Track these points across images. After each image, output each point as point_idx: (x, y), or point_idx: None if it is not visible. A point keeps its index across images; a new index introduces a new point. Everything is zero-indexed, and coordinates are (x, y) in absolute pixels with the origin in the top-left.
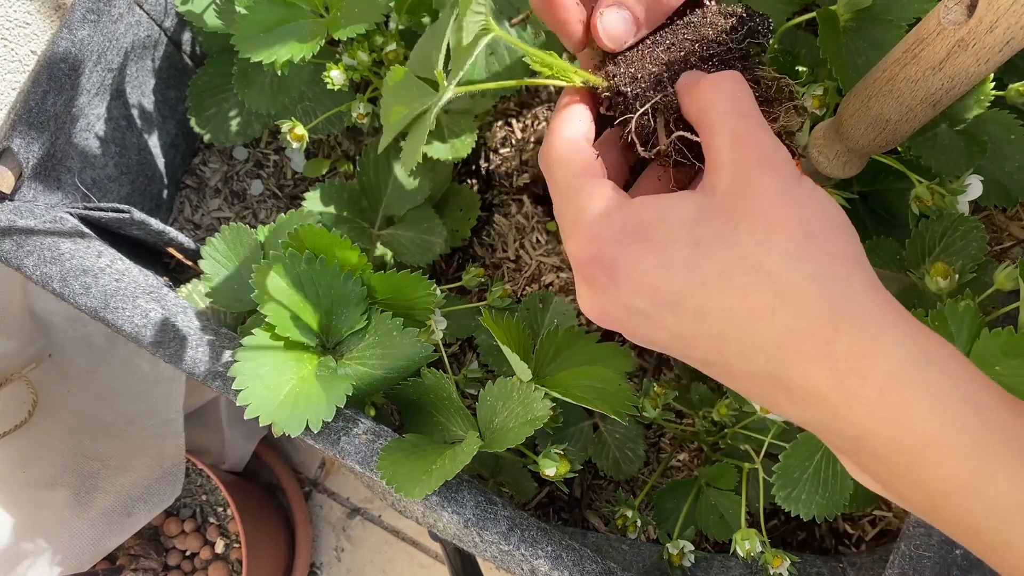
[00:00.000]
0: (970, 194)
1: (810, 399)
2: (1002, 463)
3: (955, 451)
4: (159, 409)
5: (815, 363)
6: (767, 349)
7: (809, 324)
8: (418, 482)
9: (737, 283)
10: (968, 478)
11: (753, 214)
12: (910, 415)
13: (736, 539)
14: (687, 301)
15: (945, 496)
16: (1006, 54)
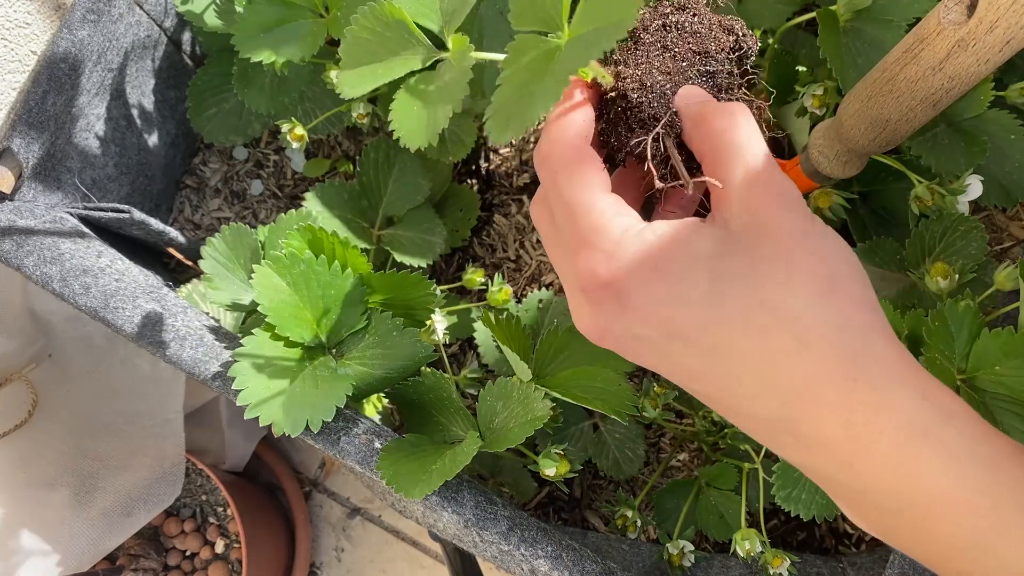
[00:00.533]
0: (970, 194)
1: (819, 448)
2: (1016, 523)
3: (969, 510)
4: (159, 409)
5: (830, 412)
6: (783, 394)
7: (829, 372)
8: (418, 482)
9: (758, 324)
10: (981, 537)
11: (775, 256)
12: (924, 471)
13: (736, 539)
14: (702, 337)
15: (956, 552)
16: (1006, 54)
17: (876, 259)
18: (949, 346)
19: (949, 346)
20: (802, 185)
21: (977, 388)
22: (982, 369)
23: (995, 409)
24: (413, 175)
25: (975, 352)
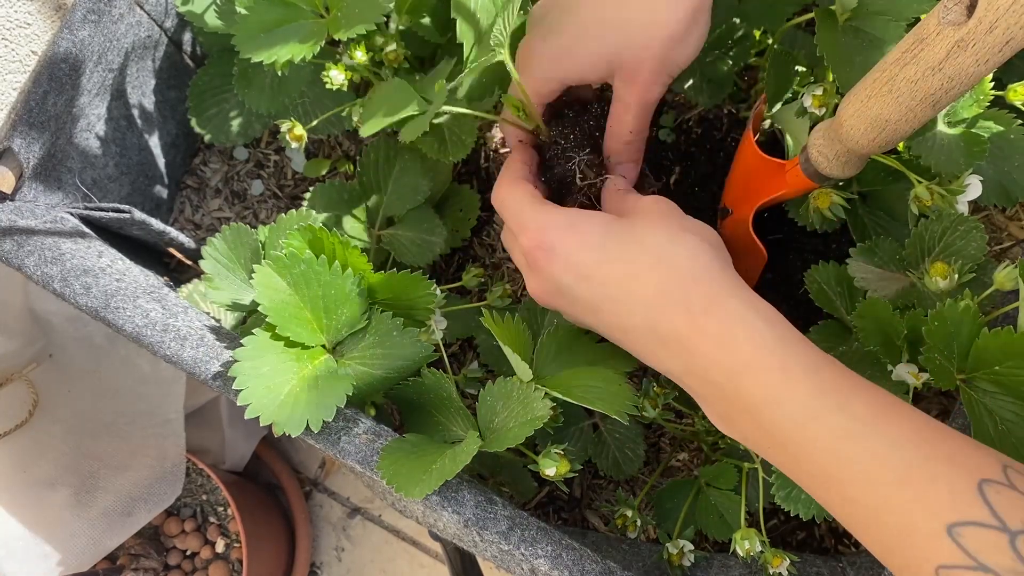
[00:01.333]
0: (969, 194)
1: (675, 344)
2: (799, 379)
3: (764, 370)
4: (160, 409)
5: (678, 310)
6: (645, 302)
7: (676, 281)
8: (418, 482)
9: (627, 255)
10: (772, 392)
11: (648, 217)
12: (737, 341)
13: (736, 539)
14: (595, 273)
15: (758, 411)
16: (1006, 54)
17: (875, 259)
18: (949, 346)
19: (949, 346)
20: (801, 185)
21: (977, 388)
22: (981, 369)
23: (995, 409)
24: (413, 175)
25: (974, 352)
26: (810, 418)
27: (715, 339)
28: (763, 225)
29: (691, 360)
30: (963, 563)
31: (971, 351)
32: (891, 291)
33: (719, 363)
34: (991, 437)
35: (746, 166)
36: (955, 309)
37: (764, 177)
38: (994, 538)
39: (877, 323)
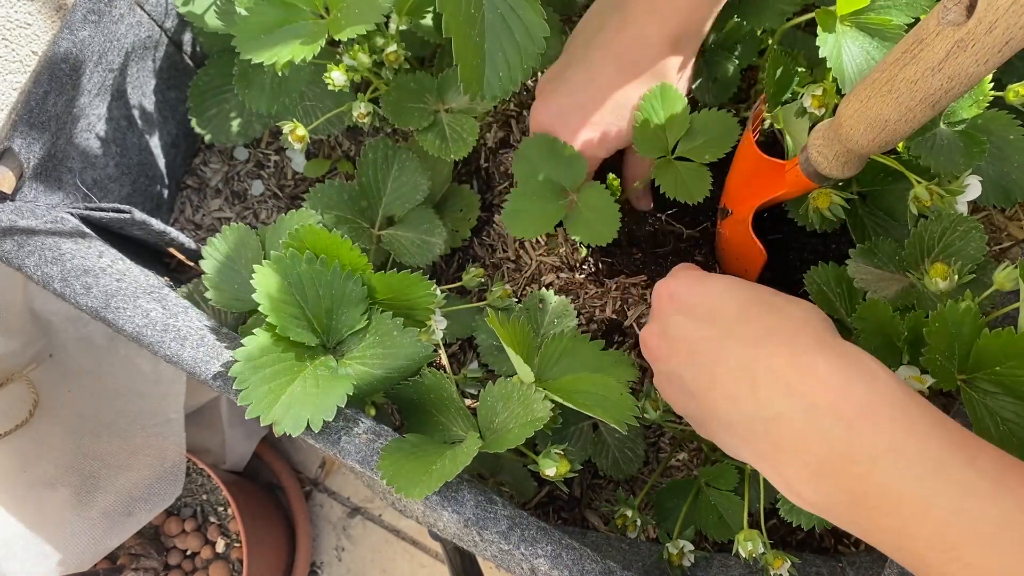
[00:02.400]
0: (969, 194)
1: (771, 383)
2: (925, 429)
3: (887, 417)
4: (160, 409)
5: (780, 348)
6: (745, 340)
7: (784, 323)
8: (418, 482)
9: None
10: (897, 440)
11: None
12: (852, 387)
13: (738, 540)
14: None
15: (873, 461)
16: (1005, 54)
17: (875, 260)
18: (950, 347)
19: (950, 347)
20: (801, 186)
21: (977, 388)
22: (982, 369)
23: (996, 409)
24: (412, 175)
25: (975, 352)
26: (936, 470)
27: (823, 380)
28: (763, 225)
29: (790, 402)
30: None
31: (972, 351)
32: (891, 292)
33: (830, 405)
34: (993, 438)
35: (746, 166)
36: (956, 310)
37: (764, 177)
38: None
39: (877, 324)
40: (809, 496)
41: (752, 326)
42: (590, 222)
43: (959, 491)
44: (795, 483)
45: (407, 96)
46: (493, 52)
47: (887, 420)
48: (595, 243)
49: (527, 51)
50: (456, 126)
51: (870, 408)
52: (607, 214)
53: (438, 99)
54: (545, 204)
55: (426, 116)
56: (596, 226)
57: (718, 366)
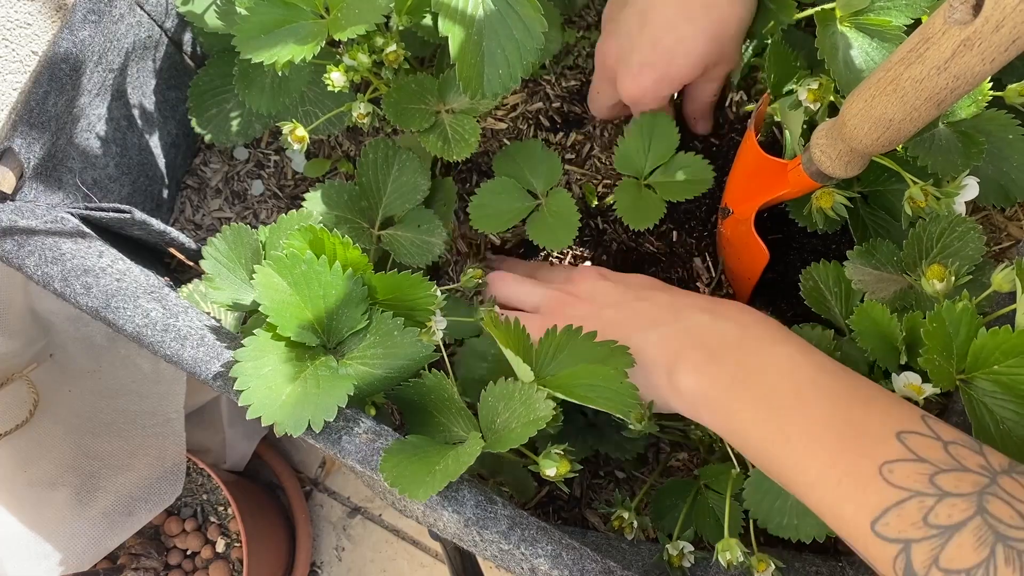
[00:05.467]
0: (967, 195)
1: (693, 305)
2: (794, 340)
3: (772, 327)
4: (160, 408)
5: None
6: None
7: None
8: (422, 483)
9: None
10: (775, 338)
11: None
12: (751, 313)
13: (718, 549)
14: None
15: (753, 349)
16: (1012, 53)
17: (873, 260)
18: (947, 347)
19: (947, 347)
20: (803, 185)
21: (976, 388)
22: (980, 369)
23: (995, 408)
24: (412, 175)
25: (973, 352)
26: (805, 351)
27: (734, 306)
28: (763, 225)
29: (702, 316)
30: (903, 456)
31: (970, 351)
32: (889, 293)
33: (733, 318)
34: (992, 437)
35: (747, 165)
36: (953, 310)
37: (766, 177)
38: (931, 443)
39: (875, 326)
40: (687, 379)
41: (675, 291)
42: (551, 226)
43: (814, 366)
44: (682, 375)
45: (408, 97)
46: (492, 50)
47: (773, 329)
48: (551, 247)
49: (526, 48)
50: (458, 127)
51: (760, 321)
52: (568, 221)
53: (439, 100)
54: (512, 202)
55: (427, 117)
56: (555, 231)
57: (643, 305)
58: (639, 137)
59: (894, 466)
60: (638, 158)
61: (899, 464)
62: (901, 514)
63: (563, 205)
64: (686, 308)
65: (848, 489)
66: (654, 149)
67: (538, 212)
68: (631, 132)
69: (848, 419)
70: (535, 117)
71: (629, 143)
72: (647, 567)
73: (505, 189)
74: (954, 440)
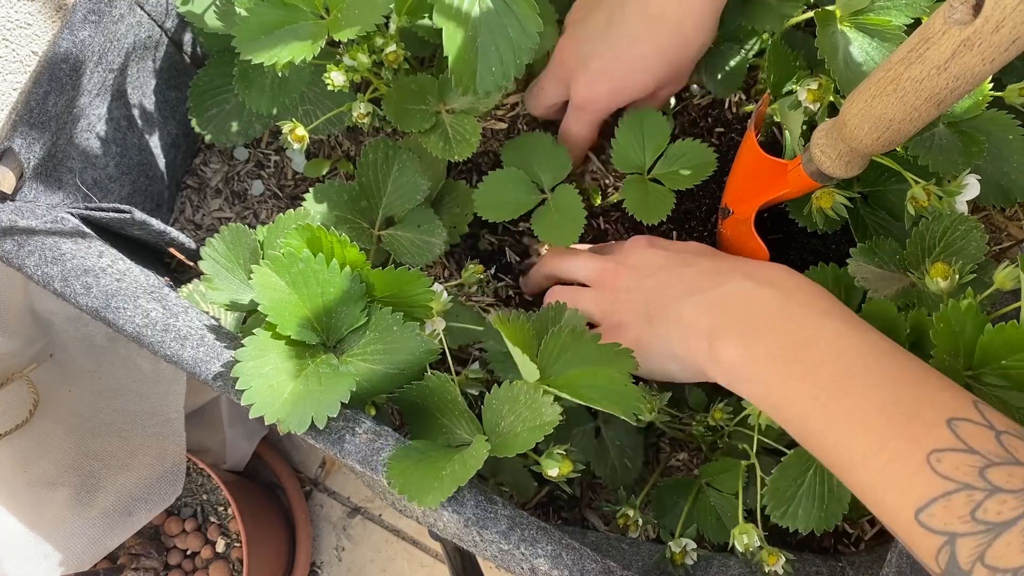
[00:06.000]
0: (967, 194)
1: (732, 267)
2: (837, 308)
3: (815, 293)
4: (160, 409)
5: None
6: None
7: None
8: (430, 489)
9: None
10: (818, 305)
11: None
12: (795, 277)
13: (734, 534)
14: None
15: (801, 319)
16: (1012, 53)
17: (875, 259)
18: (954, 345)
19: (954, 345)
20: (803, 185)
21: (985, 383)
22: (988, 364)
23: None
24: (412, 175)
25: (980, 348)
26: (857, 322)
27: (775, 268)
28: (763, 225)
29: (743, 281)
30: (953, 446)
31: (976, 348)
32: (891, 291)
33: (778, 282)
34: None
35: (747, 166)
36: (958, 309)
37: (766, 177)
38: (983, 432)
39: (881, 324)
40: (729, 351)
41: (718, 254)
42: (556, 223)
43: (863, 341)
44: (722, 346)
45: (408, 98)
46: (486, 47)
47: (818, 296)
48: (556, 243)
49: (520, 46)
50: (458, 127)
51: (805, 287)
52: (573, 218)
53: (439, 100)
54: (519, 194)
55: (428, 118)
56: (561, 227)
57: (685, 270)
58: (631, 134)
59: (943, 455)
60: (636, 154)
61: (948, 454)
62: (948, 506)
63: (569, 201)
64: (727, 272)
65: (893, 476)
66: (649, 142)
67: (544, 207)
68: (622, 131)
69: (897, 401)
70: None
71: (623, 142)
72: (647, 567)
73: (512, 179)
74: (1007, 430)
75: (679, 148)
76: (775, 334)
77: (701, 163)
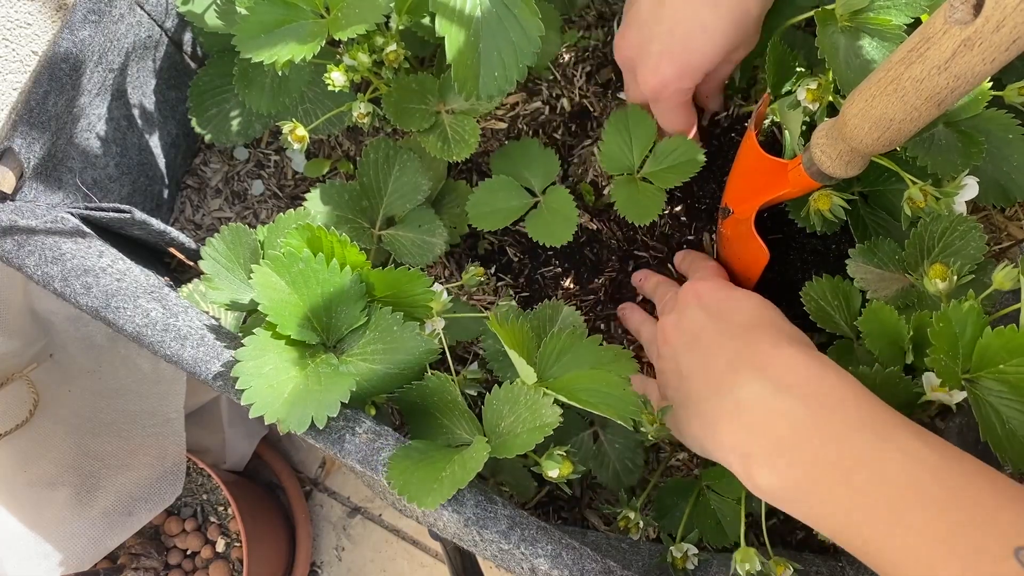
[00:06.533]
0: (966, 195)
1: (752, 362)
2: (874, 409)
3: (848, 398)
4: (160, 408)
5: (765, 341)
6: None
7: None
8: (430, 491)
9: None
10: (848, 419)
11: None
12: (824, 372)
13: (736, 560)
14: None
15: (831, 437)
16: (1012, 53)
17: (875, 259)
18: (953, 346)
19: (953, 346)
20: (804, 185)
21: (982, 387)
22: (986, 368)
23: (1001, 408)
24: (413, 175)
25: (978, 351)
26: (887, 438)
27: (796, 366)
28: (763, 225)
29: (763, 384)
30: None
31: (975, 350)
32: (891, 291)
33: (798, 387)
34: (998, 436)
35: (748, 165)
36: (959, 310)
37: (766, 176)
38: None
39: (882, 327)
40: (764, 477)
41: (750, 328)
42: (549, 224)
43: (909, 459)
44: (757, 471)
45: (408, 97)
46: (488, 51)
47: (839, 404)
48: (549, 243)
49: (523, 51)
50: (458, 127)
51: (834, 391)
52: (566, 218)
53: (439, 100)
54: (510, 200)
55: (427, 117)
56: (554, 228)
57: (711, 354)
58: (617, 134)
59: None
60: (623, 155)
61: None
62: None
63: (561, 202)
64: (744, 366)
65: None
66: (636, 141)
67: (537, 210)
68: (608, 131)
69: (957, 532)
70: (534, 117)
71: (610, 142)
72: (647, 567)
73: (503, 187)
74: None
75: (666, 145)
76: (809, 456)
77: (688, 160)
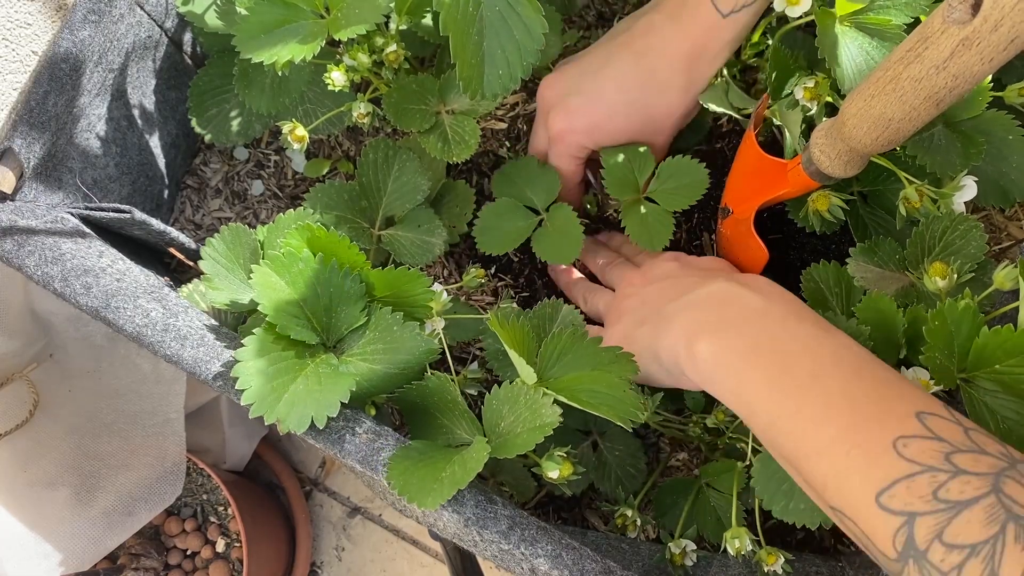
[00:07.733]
0: (965, 195)
1: (720, 276)
2: (810, 313)
3: (790, 300)
4: (160, 408)
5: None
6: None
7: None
8: (430, 491)
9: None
10: (790, 308)
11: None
12: (771, 285)
13: (726, 537)
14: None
15: (774, 319)
16: (1010, 52)
17: (875, 258)
18: (949, 345)
19: (949, 345)
20: (803, 185)
21: (977, 387)
22: (982, 367)
23: (996, 408)
24: (412, 175)
25: (975, 351)
26: (827, 328)
27: (756, 279)
28: (763, 225)
29: (726, 284)
30: (921, 433)
31: (971, 350)
32: (891, 290)
33: (757, 287)
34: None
35: (747, 165)
36: (955, 308)
37: (765, 176)
38: (951, 426)
39: (879, 318)
40: (706, 346)
41: (721, 267)
42: (555, 242)
43: (843, 348)
44: (698, 342)
45: (408, 97)
46: (492, 50)
47: (797, 306)
48: (556, 263)
49: (527, 49)
50: (458, 128)
51: (785, 296)
52: (571, 236)
53: (439, 100)
54: (515, 221)
55: (428, 118)
56: (560, 246)
57: (680, 278)
58: (617, 155)
59: (909, 441)
60: (628, 177)
61: (915, 440)
62: (910, 486)
63: (565, 219)
64: (713, 275)
65: (857, 460)
66: (636, 163)
67: (542, 228)
68: (608, 156)
69: (868, 395)
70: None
71: (612, 167)
72: (647, 567)
73: (507, 209)
74: (975, 428)
75: (671, 166)
76: (751, 332)
77: (695, 180)
